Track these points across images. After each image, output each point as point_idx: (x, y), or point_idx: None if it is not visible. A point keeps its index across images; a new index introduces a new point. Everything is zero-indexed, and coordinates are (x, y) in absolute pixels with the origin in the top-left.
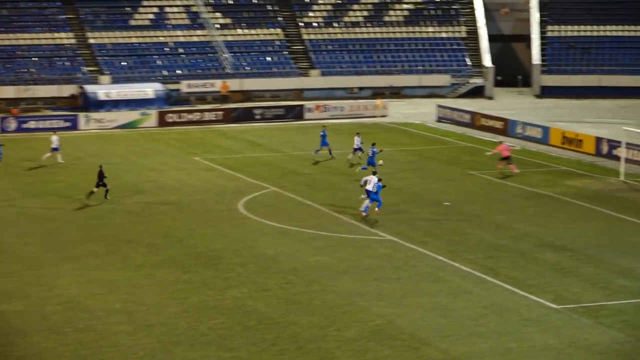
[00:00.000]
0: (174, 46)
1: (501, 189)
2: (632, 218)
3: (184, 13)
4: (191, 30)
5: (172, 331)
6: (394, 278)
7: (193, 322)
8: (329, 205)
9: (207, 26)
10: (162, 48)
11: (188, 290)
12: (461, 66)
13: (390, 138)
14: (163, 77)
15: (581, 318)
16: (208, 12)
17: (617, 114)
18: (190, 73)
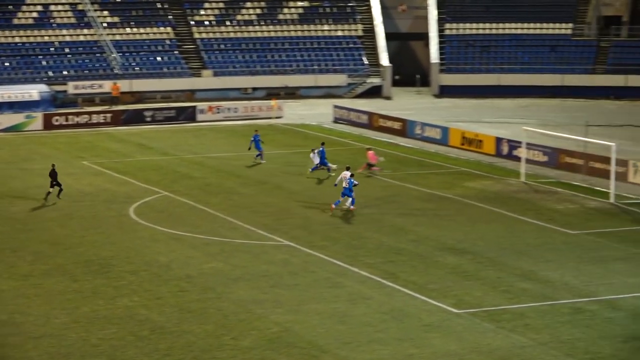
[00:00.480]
0: (60, 46)
1: (400, 191)
2: (532, 220)
3: (69, 11)
4: (77, 30)
5: (61, 342)
6: (292, 284)
7: (83, 333)
8: (223, 210)
9: (94, 25)
10: (47, 48)
11: (78, 299)
12: (358, 65)
13: (286, 140)
14: (48, 78)
15: (483, 322)
16: (95, 11)
17: (516, 113)
18: (77, 74)
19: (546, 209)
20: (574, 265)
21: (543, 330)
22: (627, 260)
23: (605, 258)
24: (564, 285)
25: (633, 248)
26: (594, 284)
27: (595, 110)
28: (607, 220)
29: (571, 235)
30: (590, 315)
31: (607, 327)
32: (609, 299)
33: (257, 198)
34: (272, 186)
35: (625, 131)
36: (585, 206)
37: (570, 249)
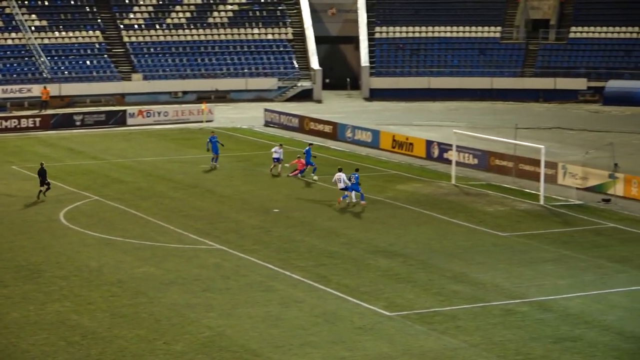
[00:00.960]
0: None
1: (331, 194)
2: (463, 222)
3: None
4: (5, 33)
5: None
6: (224, 288)
7: (13, 339)
8: (155, 214)
9: (22, 29)
10: None
11: (7, 305)
12: (288, 69)
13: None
14: None
15: (415, 325)
16: (23, 14)
17: (446, 116)
18: (5, 78)
19: (477, 211)
20: (505, 267)
21: (475, 332)
22: (557, 262)
23: (536, 260)
24: (495, 287)
25: (563, 250)
26: (524, 285)
27: (525, 113)
28: (537, 222)
29: (501, 237)
30: (521, 317)
31: (538, 328)
32: (540, 301)
33: (189, 202)
34: (203, 190)
35: (554, 134)
36: (515, 208)
37: (501, 251)
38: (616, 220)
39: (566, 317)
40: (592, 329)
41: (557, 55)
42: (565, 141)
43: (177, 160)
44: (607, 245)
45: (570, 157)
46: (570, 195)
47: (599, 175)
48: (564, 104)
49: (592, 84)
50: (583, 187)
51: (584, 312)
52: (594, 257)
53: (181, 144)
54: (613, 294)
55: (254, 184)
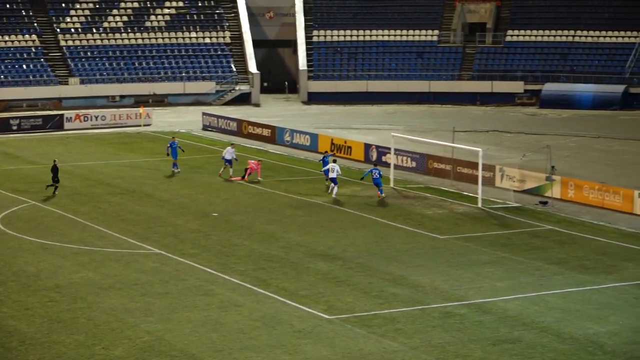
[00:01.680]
0: None
1: (270, 198)
2: (402, 225)
3: None
4: None
5: None
6: (163, 293)
7: None
8: (93, 219)
9: None
10: None
11: None
12: (226, 72)
13: (155, 148)
14: None
15: (354, 328)
16: None
17: (384, 119)
18: None
19: (415, 214)
20: (444, 270)
21: (414, 334)
22: (495, 264)
23: (474, 262)
24: (434, 289)
25: (500, 252)
26: (463, 287)
27: (462, 116)
28: (475, 224)
29: (440, 240)
30: (460, 319)
31: (477, 330)
32: (478, 303)
33: (127, 206)
34: (141, 194)
35: (491, 136)
36: (453, 211)
37: (440, 254)
38: (553, 223)
39: (504, 319)
40: (530, 330)
41: (494, 58)
42: (503, 144)
43: (115, 164)
44: (544, 247)
45: (508, 159)
46: (507, 198)
47: (536, 178)
48: (501, 107)
49: (528, 86)
50: (520, 189)
51: (522, 313)
52: (532, 259)
53: (119, 148)
54: (550, 295)
55: (193, 188)
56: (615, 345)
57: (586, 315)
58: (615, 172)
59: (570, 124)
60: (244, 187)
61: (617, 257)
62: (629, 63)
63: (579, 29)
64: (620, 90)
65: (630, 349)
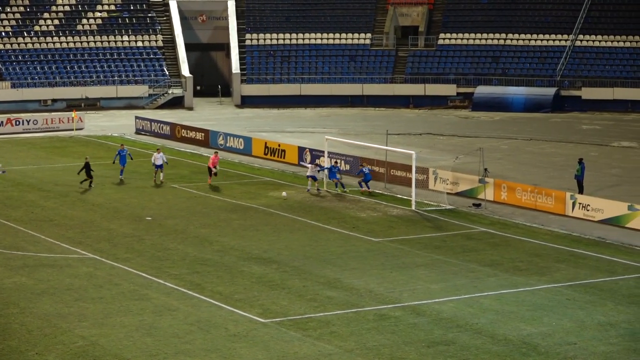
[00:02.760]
0: None
1: (204, 201)
2: (336, 228)
3: None
4: None
5: None
6: (97, 297)
7: None
8: (25, 224)
9: None
10: None
11: None
12: (159, 76)
13: (88, 152)
14: None
15: (289, 331)
16: None
17: (318, 123)
18: None
19: (350, 217)
20: (378, 272)
21: (349, 337)
22: (429, 267)
23: (408, 264)
24: (369, 292)
25: (434, 254)
26: (397, 290)
27: (395, 119)
28: (409, 227)
29: (374, 242)
30: (394, 322)
31: (412, 332)
32: (413, 305)
33: (60, 211)
34: (74, 199)
35: (424, 139)
36: (387, 214)
37: (374, 257)
38: (487, 225)
39: (439, 321)
40: (464, 332)
41: (427, 61)
42: (436, 147)
43: (47, 168)
44: (478, 250)
45: (441, 162)
46: (441, 201)
47: (469, 180)
48: (434, 110)
49: (461, 89)
50: (454, 192)
51: (456, 315)
52: (466, 262)
53: (51, 152)
54: (484, 297)
55: (126, 192)
56: (548, 346)
57: (520, 317)
58: (547, 174)
59: (503, 127)
60: (177, 191)
61: (549, 258)
62: (559, 66)
63: (510, 32)
64: (551, 92)
65: (564, 349)
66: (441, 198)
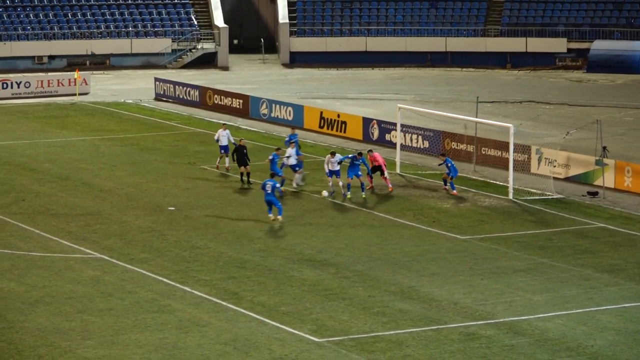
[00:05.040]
0: None
1: (242, 187)
2: (411, 222)
3: None
4: None
5: None
6: (105, 309)
7: None
8: (14, 215)
9: None
10: None
11: None
12: (185, 27)
13: (94, 123)
14: None
15: (350, 354)
16: None
17: (388, 87)
18: None
19: (428, 208)
20: (465, 280)
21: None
22: (531, 272)
23: (504, 270)
24: (453, 304)
25: (538, 257)
26: (490, 302)
27: (488, 83)
28: (505, 221)
29: (460, 241)
30: (486, 343)
31: (508, 356)
32: (510, 322)
33: (59, 198)
34: (77, 183)
35: (525, 109)
36: (477, 204)
37: (460, 259)
38: (605, 219)
39: (543, 343)
40: (576, 357)
41: (529, 9)
42: (540, 118)
43: (42, 144)
44: (594, 251)
45: (547, 138)
46: (547, 188)
47: (583, 162)
48: (538, 71)
49: (573, 45)
50: (563, 176)
51: (565, 335)
52: (578, 266)
53: (48, 124)
54: (602, 312)
55: (143, 175)
56: None
57: None
58: None
59: (626, 93)
60: (208, 173)
61: None
62: None
63: None
64: None
65: None
66: (547, 184)
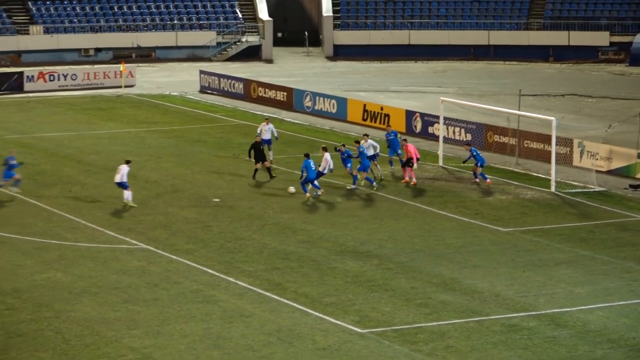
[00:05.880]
0: None
1: (287, 179)
2: (453, 214)
3: None
4: None
5: None
6: (150, 299)
7: None
8: (61, 206)
9: None
10: None
11: None
12: (230, 20)
13: (139, 115)
14: None
15: (393, 345)
16: None
17: (431, 80)
18: None
19: (471, 200)
20: (507, 272)
21: (469, 353)
22: (573, 265)
23: (546, 262)
24: (495, 296)
25: (580, 249)
26: (531, 294)
27: (530, 76)
28: (547, 214)
29: (503, 233)
30: (527, 334)
31: (550, 348)
32: (551, 314)
33: (105, 190)
34: None
35: (567, 102)
36: (519, 197)
37: (502, 251)
38: None
39: (585, 335)
40: (617, 349)
41: (572, 2)
42: (583, 112)
43: (89, 136)
44: (636, 244)
45: (589, 131)
46: (589, 180)
47: (625, 155)
48: (581, 65)
49: (615, 38)
50: (605, 169)
51: (607, 327)
52: (620, 259)
53: (94, 116)
54: None
55: (188, 167)
56: None
57: None
58: None
59: None
60: (252, 165)
61: None
62: None
63: None
64: None
65: None
66: (589, 177)
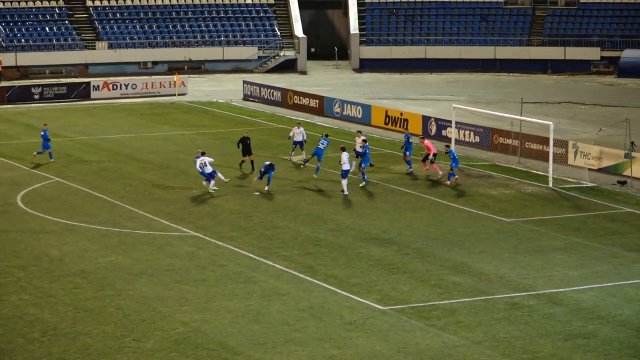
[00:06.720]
0: None
1: (319, 176)
2: (464, 207)
3: None
4: None
5: None
6: (199, 280)
7: None
8: (122, 198)
9: None
10: None
11: None
12: (269, 37)
13: (191, 119)
14: None
15: (411, 320)
16: None
17: (445, 89)
18: None
19: (479, 194)
20: (510, 257)
21: (477, 328)
22: (568, 251)
23: (544, 248)
24: (499, 278)
25: (574, 237)
26: (531, 276)
27: (531, 86)
28: (545, 206)
29: (506, 223)
30: (528, 311)
31: (547, 323)
32: (549, 293)
33: (160, 184)
34: (176, 171)
35: (564, 109)
36: (521, 191)
37: (506, 239)
38: (633, 205)
39: (578, 312)
40: (606, 324)
41: (567, 21)
42: (577, 117)
43: (146, 137)
44: (623, 232)
45: (582, 134)
46: (582, 177)
47: (614, 155)
48: (575, 76)
49: (605, 53)
50: (596, 167)
51: (597, 305)
52: (609, 246)
53: (151, 120)
54: (629, 285)
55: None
56: None
57: None
58: None
59: None
60: (287, 163)
61: None
62: None
63: None
64: None
65: None
66: (582, 174)
